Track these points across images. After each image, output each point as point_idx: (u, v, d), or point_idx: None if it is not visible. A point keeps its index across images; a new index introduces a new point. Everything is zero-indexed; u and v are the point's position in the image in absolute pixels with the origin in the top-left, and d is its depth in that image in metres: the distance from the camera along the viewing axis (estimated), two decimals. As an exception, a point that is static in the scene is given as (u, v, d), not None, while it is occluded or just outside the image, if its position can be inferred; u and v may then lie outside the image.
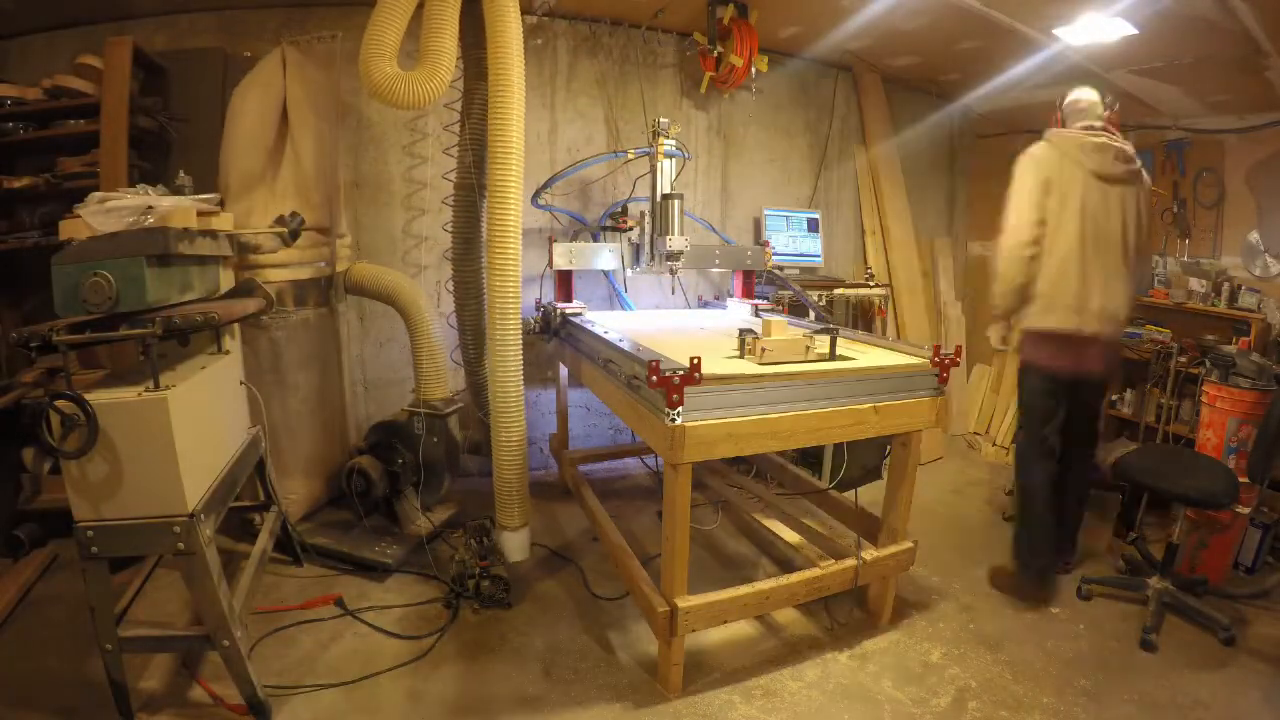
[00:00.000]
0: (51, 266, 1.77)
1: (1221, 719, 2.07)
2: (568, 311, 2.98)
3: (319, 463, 3.13)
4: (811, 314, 3.40)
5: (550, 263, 3.18)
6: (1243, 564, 2.95)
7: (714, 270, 4.06)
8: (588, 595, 2.69)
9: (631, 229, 3.38)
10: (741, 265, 3.53)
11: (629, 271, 3.40)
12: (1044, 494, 2.68)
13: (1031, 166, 2.60)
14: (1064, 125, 2.71)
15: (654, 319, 3.33)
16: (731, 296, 3.64)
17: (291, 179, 2.92)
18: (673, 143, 3.17)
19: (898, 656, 2.35)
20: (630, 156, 3.50)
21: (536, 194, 3.61)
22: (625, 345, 2.26)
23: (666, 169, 3.17)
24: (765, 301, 3.42)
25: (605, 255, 3.32)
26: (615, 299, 3.97)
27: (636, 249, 3.31)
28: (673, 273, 3.28)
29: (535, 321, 3.08)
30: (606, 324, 2.79)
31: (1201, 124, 3.80)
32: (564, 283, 3.28)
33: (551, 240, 3.20)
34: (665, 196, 3.11)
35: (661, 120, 3.13)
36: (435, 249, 3.61)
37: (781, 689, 2.17)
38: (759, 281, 3.71)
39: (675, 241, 3.08)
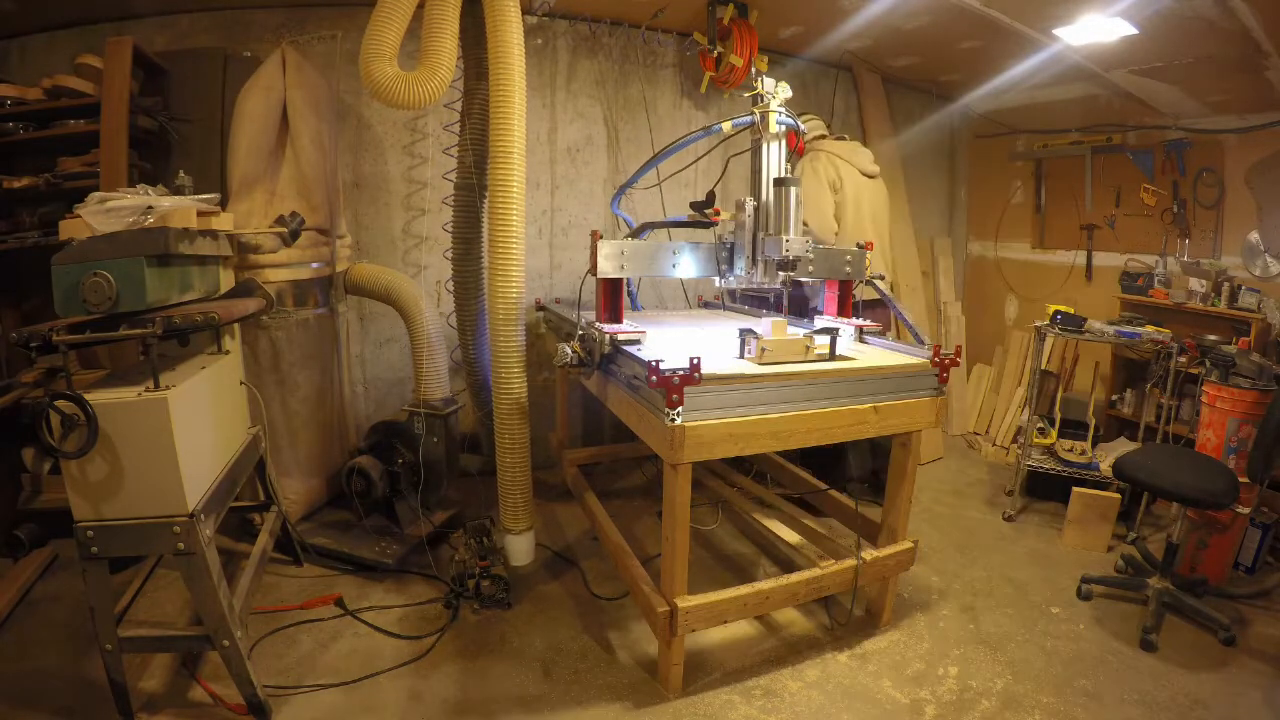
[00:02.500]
0: (51, 266, 1.77)
1: (1221, 719, 2.07)
2: (620, 338, 2.24)
3: (319, 463, 3.13)
4: (913, 336, 2.60)
5: (593, 268, 2.33)
6: (1243, 564, 2.95)
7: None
8: (588, 595, 2.69)
9: (717, 224, 2.57)
10: (839, 274, 2.67)
11: (720, 282, 2.57)
12: None
13: None
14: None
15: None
16: (820, 313, 2.82)
17: (292, 179, 2.92)
18: (783, 110, 2.39)
19: (898, 656, 2.35)
20: (727, 131, 2.60)
21: (618, 196, 3.38)
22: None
23: (774, 150, 2.40)
24: (870, 322, 2.63)
25: (684, 259, 2.46)
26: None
27: (731, 251, 2.50)
28: (785, 286, 2.51)
29: (573, 352, 2.31)
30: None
31: (1201, 124, 3.80)
32: (610, 296, 2.40)
33: (596, 237, 2.31)
34: (777, 181, 2.34)
35: (766, 80, 2.37)
36: (435, 249, 3.61)
37: (781, 689, 2.17)
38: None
39: (792, 244, 2.27)
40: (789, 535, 2.68)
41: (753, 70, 3.65)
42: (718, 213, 2.55)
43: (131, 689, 1.92)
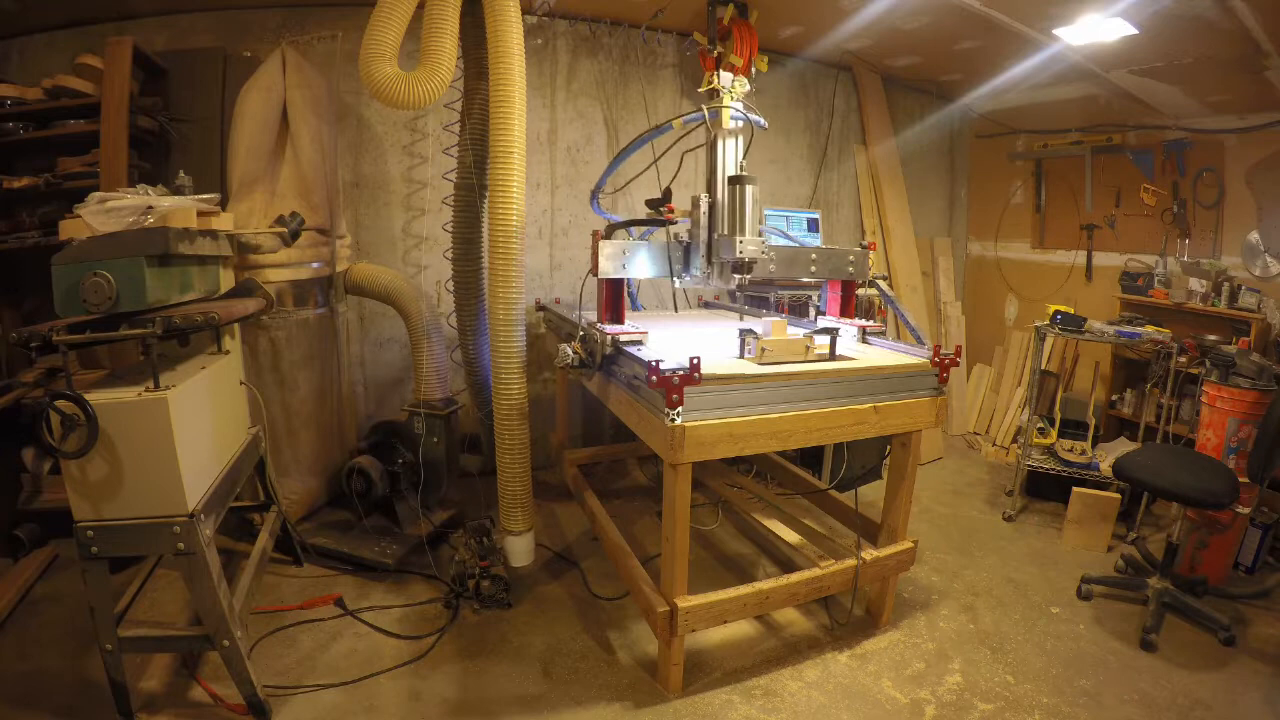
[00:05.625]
0: (51, 266, 1.77)
1: (1221, 719, 2.07)
2: (623, 339, 2.22)
3: (319, 463, 3.13)
4: (914, 336, 2.55)
5: (595, 268, 2.30)
6: (1243, 564, 2.95)
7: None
8: (588, 595, 2.69)
9: (675, 221, 2.47)
10: (841, 274, 2.61)
11: (676, 282, 2.47)
12: None
13: None
14: None
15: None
16: (822, 314, 2.80)
17: (292, 180, 2.92)
18: (739, 106, 2.31)
19: (898, 656, 2.35)
20: (678, 128, 2.51)
21: (594, 195, 3.40)
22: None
23: (730, 147, 2.32)
24: (873, 323, 2.61)
25: (639, 258, 2.37)
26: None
27: (687, 251, 2.41)
28: (740, 289, 2.39)
29: (575, 353, 2.31)
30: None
31: (1201, 124, 3.80)
32: (612, 297, 2.37)
33: (597, 237, 2.28)
34: (732, 180, 2.23)
35: (723, 75, 2.30)
36: (435, 249, 3.61)
37: (781, 689, 2.17)
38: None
39: (747, 245, 2.16)
40: (789, 535, 2.68)
41: (753, 71, 3.65)
42: (672, 210, 2.44)
43: (131, 689, 1.92)
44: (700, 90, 3.97)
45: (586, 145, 3.93)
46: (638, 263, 2.38)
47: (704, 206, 2.33)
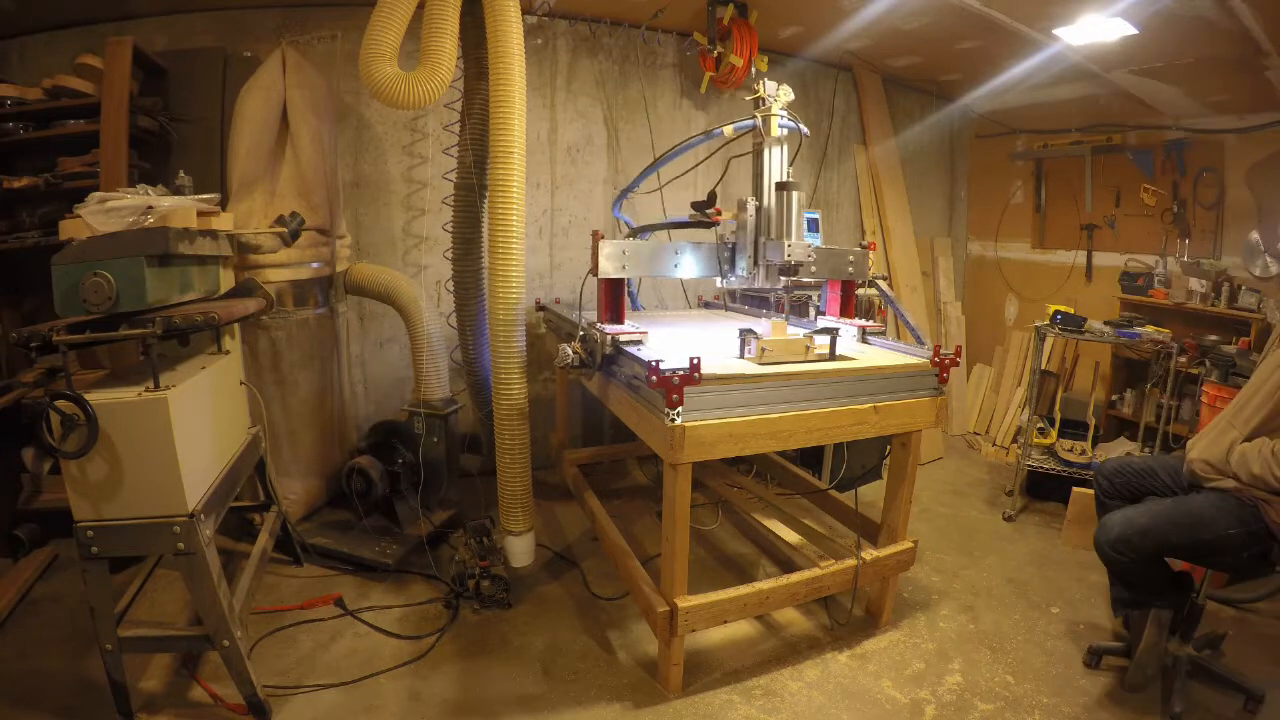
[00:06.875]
0: (51, 266, 1.77)
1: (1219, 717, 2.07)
2: (623, 339, 2.23)
3: (319, 463, 3.13)
4: (914, 336, 2.54)
5: (594, 268, 2.32)
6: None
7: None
8: (588, 595, 2.69)
9: (718, 224, 2.51)
10: (841, 274, 2.66)
11: (721, 283, 2.55)
12: None
13: None
14: None
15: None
16: (822, 314, 2.80)
17: (292, 180, 2.92)
18: (784, 114, 2.43)
19: (898, 656, 2.35)
20: (728, 135, 2.60)
21: (619, 200, 3.41)
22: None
23: (776, 154, 2.43)
24: (873, 323, 2.63)
25: (686, 259, 2.45)
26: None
27: (733, 252, 2.48)
28: (787, 291, 2.52)
29: (574, 353, 2.32)
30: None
31: (1201, 124, 3.80)
32: (612, 297, 2.38)
33: (597, 238, 2.30)
34: (779, 185, 2.35)
35: (769, 83, 2.41)
36: (435, 249, 3.61)
37: (781, 689, 2.17)
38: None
39: (795, 249, 2.29)
40: (789, 535, 2.68)
41: (753, 71, 3.66)
42: (719, 213, 2.51)
43: (131, 689, 1.92)
44: (701, 90, 4.00)
45: (586, 145, 3.93)
46: (685, 263, 2.47)
47: (751, 210, 2.41)
